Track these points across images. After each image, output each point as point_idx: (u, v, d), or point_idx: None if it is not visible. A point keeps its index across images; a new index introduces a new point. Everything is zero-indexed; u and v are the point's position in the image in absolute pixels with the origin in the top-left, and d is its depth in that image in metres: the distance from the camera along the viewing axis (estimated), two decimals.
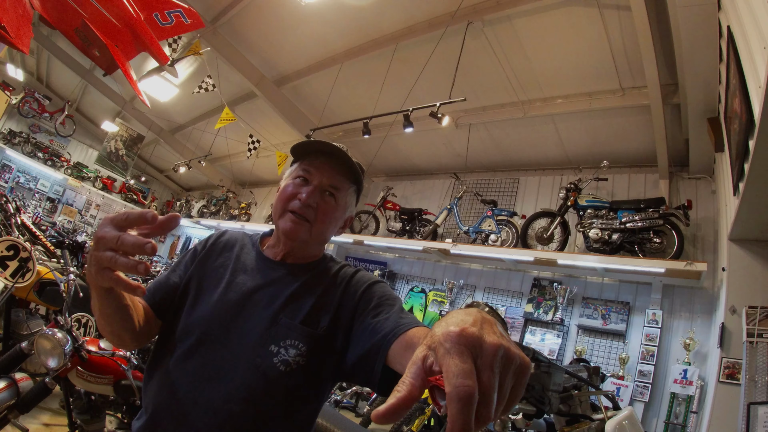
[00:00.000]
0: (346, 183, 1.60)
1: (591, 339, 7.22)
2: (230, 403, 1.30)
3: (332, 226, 1.58)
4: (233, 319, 1.43)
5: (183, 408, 1.33)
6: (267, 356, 1.34)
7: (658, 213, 6.39)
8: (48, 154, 15.59)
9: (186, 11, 4.99)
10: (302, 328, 1.39)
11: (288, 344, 1.36)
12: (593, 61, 6.57)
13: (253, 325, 1.41)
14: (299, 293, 1.48)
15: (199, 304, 1.50)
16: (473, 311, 0.68)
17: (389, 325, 1.24)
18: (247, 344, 1.37)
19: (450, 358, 0.58)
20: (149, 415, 1.38)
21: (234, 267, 1.59)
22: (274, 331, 1.38)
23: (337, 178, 1.58)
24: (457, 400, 0.54)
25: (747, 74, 3.24)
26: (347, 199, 1.61)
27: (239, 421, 1.30)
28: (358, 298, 1.43)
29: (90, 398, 3.44)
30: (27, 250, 4.17)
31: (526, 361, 0.62)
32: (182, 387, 1.36)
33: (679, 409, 5.89)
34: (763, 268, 4.62)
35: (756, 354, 4.21)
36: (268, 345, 1.36)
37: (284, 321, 1.40)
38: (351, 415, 7.32)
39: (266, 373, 1.33)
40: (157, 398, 1.38)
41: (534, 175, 9.25)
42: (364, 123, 7.89)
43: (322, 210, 1.53)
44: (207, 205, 16.16)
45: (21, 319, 4.51)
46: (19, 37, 3.41)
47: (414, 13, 7.18)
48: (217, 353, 1.38)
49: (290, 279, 1.53)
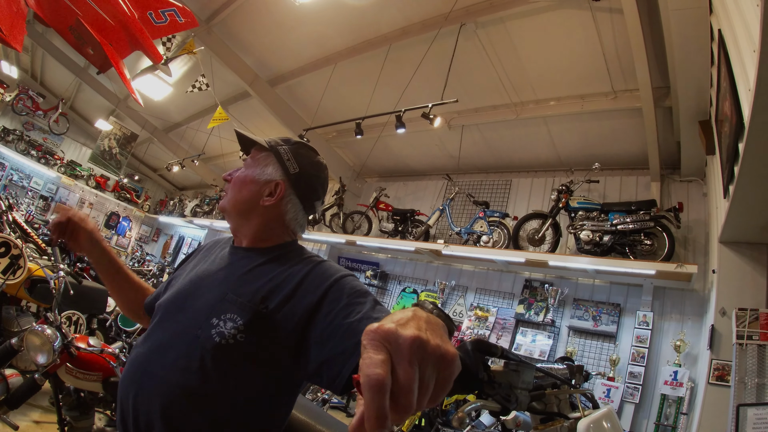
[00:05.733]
0: (255, 151, 1.73)
1: (582, 340, 7.24)
2: (171, 372, 1.35)
3: (242, 189, 1.64)
4: (187, 297, 1.52)
5: (138, 378, 1.40)
6: (207, 328, 1.37)
7: (650, 215, 6.42)
8: (41, 152, 15.56)
9: (180, 10, 4.99)
10: (243, 304, 1.40)
11: (227, 317, 1.37)
12: (585, 63, 6.60)
13: (203, 302, 1.45)
14: (252, 273, 1.51)
15: (166, 293, 1.65)
16: (410, 310, 0.71)
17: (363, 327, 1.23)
18: (194, 319, 1.42)
19: (365, 352, 0.60)
20: (120, 379, 1.48)
21: (204, 258, 1.73)
22: (219, 306, 1.41)
23: (245, 150, 1.79)
24: (367, 388, 0.56)
25: (737, 77, 3.26)
26: (257, 164, 1.67)
27: (177, 391, 1.33)
28: (322, 293, 1.38)
29: (79, 395, 3.44)
30: (18, 247, 4.16)
31: (449, 353, 0.64)
32: (139, 359, 1.45)
33: (670, 411, 5.92)
34: (753, 270, 4.66)
35: (746, 356, 4.24)
36: (210, 318, 1.38)
37: (230, 297, 1.42)
38: (342, 415, 7.31)
39: (204, 345, 1.35)
40: (126, 367, 1.49)
41: (526, 176, 9.27)
42: (357, 123, 7.90)
43: (232, 179, 1.70)
44: (200, 205, 16.10)
45: (11, 315, 4.49)
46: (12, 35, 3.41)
47: (408, 14, 7.19)
48: (170, 328, 1.47)
49: (247, 261, 1.57)
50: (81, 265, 6.67)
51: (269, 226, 1.63)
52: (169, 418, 1.31)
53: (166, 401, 1.32)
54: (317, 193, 1.72)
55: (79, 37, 4.31)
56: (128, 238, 19.25)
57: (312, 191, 1.69)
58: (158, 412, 1.32)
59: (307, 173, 1.67)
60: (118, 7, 4.40)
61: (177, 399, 1.33)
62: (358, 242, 9.87)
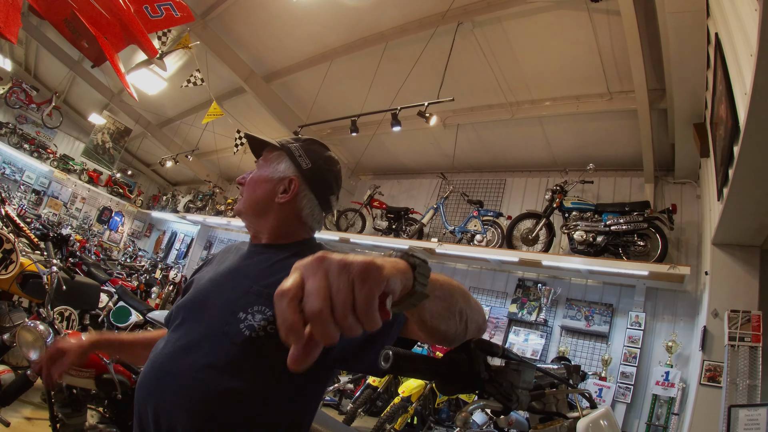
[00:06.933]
0: (266, 153, 1.74)
1: (574, 340, 7.26)
2: (197, 372, 1.31)
3: (257, 189, 1.64)
4: (209, 296, 1.50)
5: (160, 380, 1.37)
6: (234, 323, 1.35)
7: (643, 216, 6.43)
8: (34, 146, 15.48)
9: (176, 4, 4.98)
10: (271, 295, 1.38)
11: (255, 310, 1.36)
12: (582, 64, 6.61)
13: (227, 299, 1.44)
14: (275, 266, 1.51)
15: (188, 294, 1.62)
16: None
17: None
18: (219, 315, 1.40)
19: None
20: (138, 381, 1.44)
21: (221, 261, 1.71)
22: (244, 299, 1.40)
23: (256, 153, 1.80)
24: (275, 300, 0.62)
25: (733, 81, 3.27)
26: (270, 164, 1.68)
27: (204, 390, 1.30)
28: None
29: (72, 392, 3.42)
30: (10, 241, 4.13)
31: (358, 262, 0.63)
32: (159, 361, 1.42)
33: (661, 411, 5.95)
34: (745, 272, 4.68)
35: (737, 357, 4.27)
36: (237, 313, 1.37)
37: (255, 289, 1.42)
38: (334, 413, 7.31)
39: (233, 340, 1.33)
40: (145, 369, 1.45)
41: (520, 176, 9.30)
42: (352, 121, 7.90)
43: (246, 182, 1.69)
44: (193, 200, 16.03)
45: (3, 311, 4.46)
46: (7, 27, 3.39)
47: (405, 12, 7.19)
48: (193, 328, 1.43)
49: (267, 256, 1.57)
50: (73, 260, 6.63)
51: (286, 223, 1.63)
52: (195, 419, 1.29)
53: (193, 402, 1.29)
54: (331, 188, 1.72)
55: (74, 30, 4.29)
56: (120, 233, 19.19)
57: (326, 185, 1.69)
58: (183, 414, 1.29)
59: (320, 167, 1.67)
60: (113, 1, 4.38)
61: (204, 399, 1.30)
62: (352, 240, 9.85)
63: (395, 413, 5.43)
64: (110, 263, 11.88)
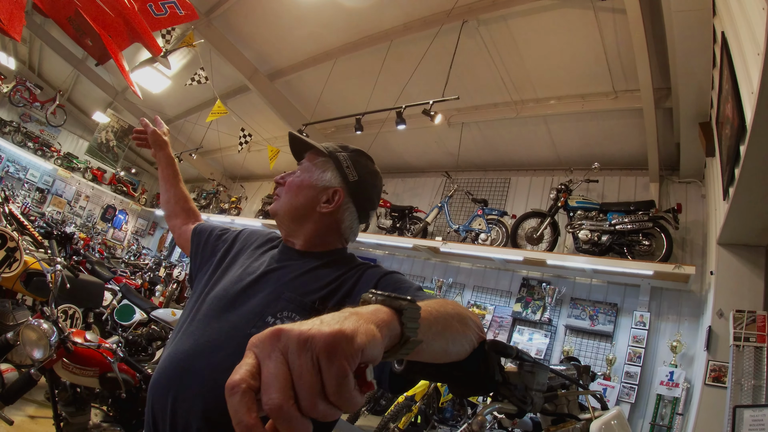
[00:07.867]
0: (310, 156, 1.68)
1: (578, 339, 7.24)
2: (216, 372, 1.29)
3: (299, 194, 1.61)
4: (239, 296, 1.48)
5: (179, 377, 1.35)
6: (262, 327, 1.31)
7: (648, 216, 6.41)
8: (38, 144, 15.47)
9: (180, 2, 4.97)
10: (302, 301, 1.38)
11: (285, 315, 1.36)
12: (587, 63, 6.58)
13: (257, 302, 1.43)
14: (308, 275, 1.50)
15: (216, 284, 1.61)
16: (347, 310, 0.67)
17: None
18: (247, 317, 1.39)
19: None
20: (153, 378, 1.43)
21: (251, 255, 1.71)
22: (275, 304, 1.39)
23: (298, 156, 1.75)
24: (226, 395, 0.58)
25: (740, 80, 3.25)
26: (314, 170, 1.63)
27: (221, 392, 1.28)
28: (374, 285, 1.40)
29: (75, 390, 3.42)
30: (14, 239, 4.14)
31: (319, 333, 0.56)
32: (179, 357, 1.40)
33: (665, 411, 5.93)
34: (751, 272, 4.66)
35: (742, 358, 4.25)
36: (265, 317, 1.36)
37: (287, 295, 1.41)
38: None
39: None
40: (161, 364, 1.43)
41: (525, 175, 9.27)
42: (357, 119, 7.88)
43: (286, 183, 1.66)
44: (197, 199, 15.99)
45: (7, 309, 4.47)
46: (11, 25, 3.39)
47: (410, 10, 7.17)
48: (219, 326, 1.42)
49: (301, 263, 1.55)
50: (77, 258, 6.65)
51: (324, 233, 1.62)
52: (212, 420, 1.27)
53: (212, 403, 1.27)
54: (373, 203, 1.70)
55: (78, 28, 4.29)
56: (124, 231, 19.18)
57: (368, 201, 1.68)
58: (201, 413, 1.28)
59: (366, 182, 1.65)
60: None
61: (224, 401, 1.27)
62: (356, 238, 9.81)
63: (399, 412, 5.43)
64: (114, 261, 11.92)
